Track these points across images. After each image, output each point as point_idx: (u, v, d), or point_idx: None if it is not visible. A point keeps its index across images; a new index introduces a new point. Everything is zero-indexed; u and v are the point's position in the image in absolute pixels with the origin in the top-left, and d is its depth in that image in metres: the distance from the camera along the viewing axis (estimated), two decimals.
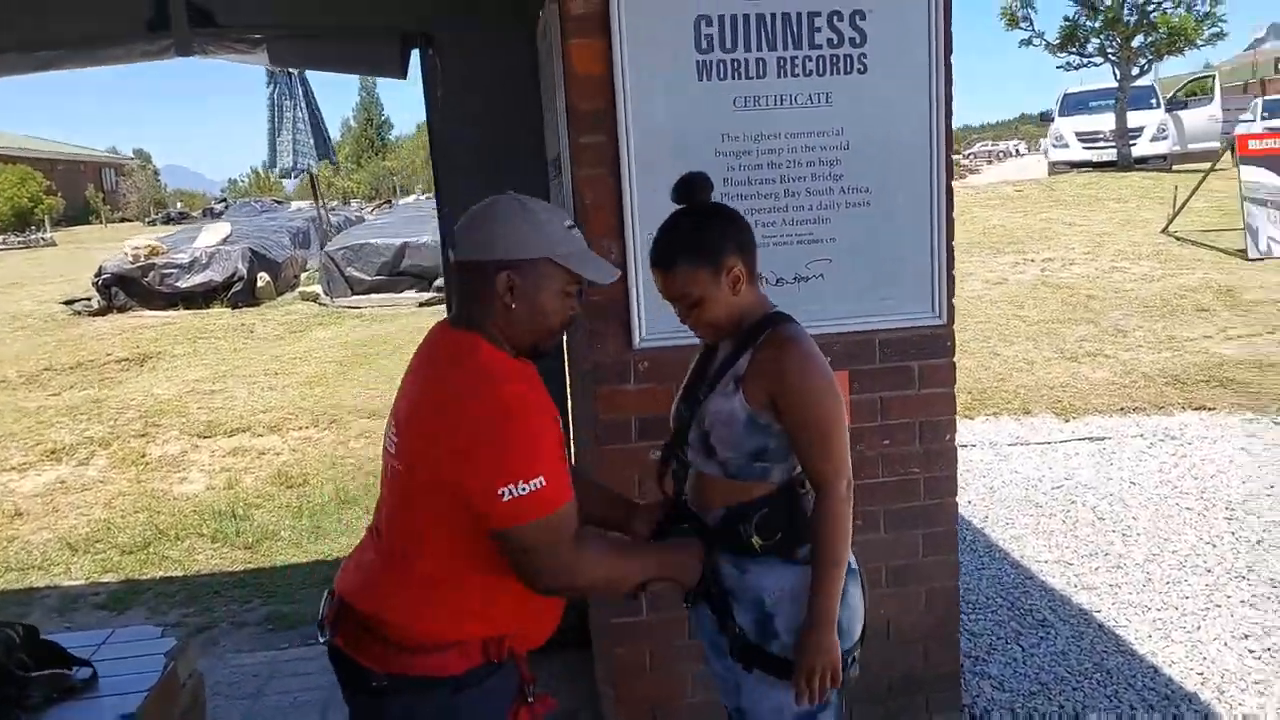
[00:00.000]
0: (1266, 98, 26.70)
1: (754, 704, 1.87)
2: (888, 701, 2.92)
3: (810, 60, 2.67)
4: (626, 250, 2.65)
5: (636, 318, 2.69)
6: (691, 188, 1.90)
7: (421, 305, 11.35)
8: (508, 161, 3.48)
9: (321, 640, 1.73)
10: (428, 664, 1.61)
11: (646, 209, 2.62)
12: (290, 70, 12.85)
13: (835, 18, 2.67)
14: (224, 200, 39.05)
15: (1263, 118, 22.25)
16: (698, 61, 2.63)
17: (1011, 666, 3.31)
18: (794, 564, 1.81)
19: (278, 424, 6.84)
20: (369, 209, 24.76)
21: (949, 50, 2.75)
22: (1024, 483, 5.04)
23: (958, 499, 2.93)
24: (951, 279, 2.84)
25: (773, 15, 2.64)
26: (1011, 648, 3.44)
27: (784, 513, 1.82)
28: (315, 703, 3.33)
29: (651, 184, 2.63)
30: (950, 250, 2.82)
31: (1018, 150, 40.17)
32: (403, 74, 3.62)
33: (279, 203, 25.91)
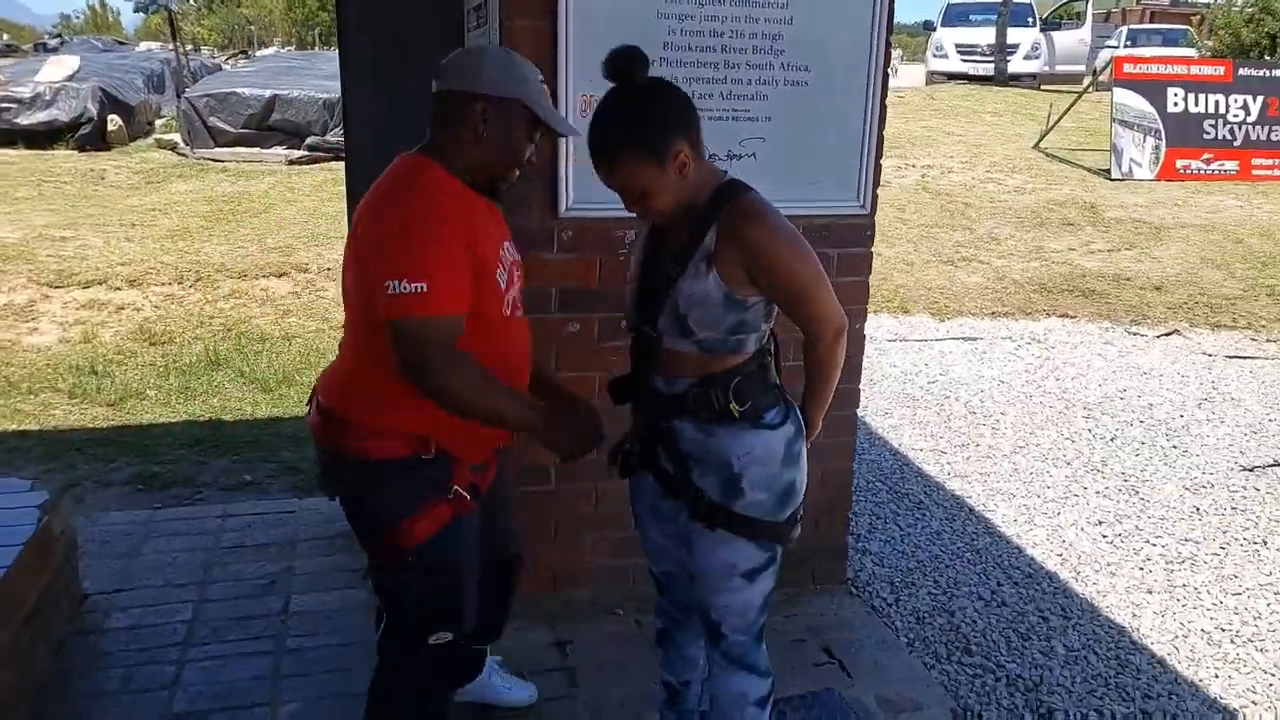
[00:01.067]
0: (1131, 26, 27.80)
1: (706, 563, 1.90)
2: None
3: None
4: (560, 109, 2.53)
5: (564, 184, 2.61)
6: (628, 64, 1.73)
7: (291, 163, 10.72)
8: (417, 7, 3.26)
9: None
10: (370, 447, 1.82)
11: (583, 65, 2.51)
12: None
13: None
14: (59, 35, 35.50)
15: (1126, 44, 23.20)
16: None
17: (890, 545, 3.50)
18: (761, 428, 1.84)
19: (138, 278, 6.40)
20: (223, 58, 22.94)
21: None
22: (901, 377, 5.26)
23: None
24: (878, 169, 2.85)
25: None
26: (890, 528, 3.63)
27: (756, 379, 1.85)
28: (197, 563, 3.22)
29: (590, 38, 2.50)
30: (881, 140, 2.83)
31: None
32: None
33: (120, 43, 23.71)
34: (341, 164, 10.27)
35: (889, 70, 2.83)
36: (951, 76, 19.66)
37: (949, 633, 2.97)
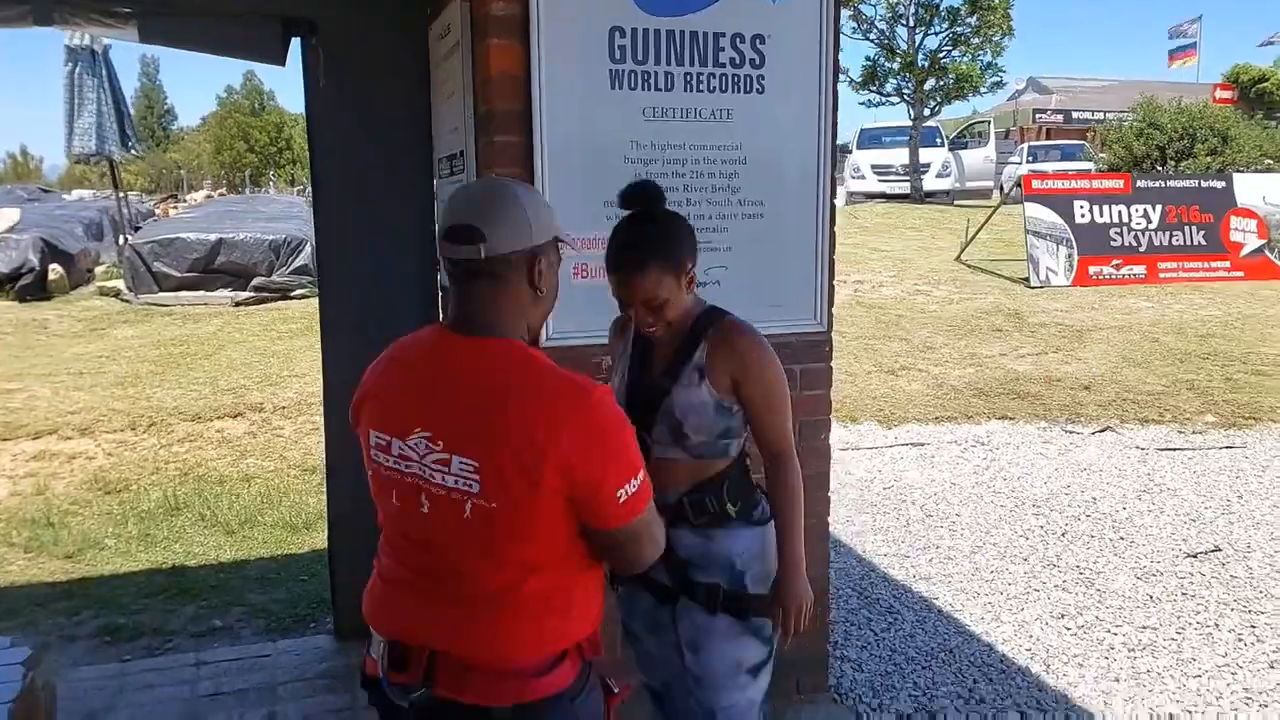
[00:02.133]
0: (1031, 143, 29.66)
1: (714, 663, 1.99)
2: None
3: (714, 77, 2.83)
4: None
5: None
6: (648, 194, 1.98)
7: (238, 304, 10.77)
8: (391, 157, 3.45)
9: (395, 694, 1.58)
10: (549, 683, 1.54)
11: (557, 210, 2.67)
12: (94, 49, 11.89)
13: (738, 39, 2.84)
14: None
15: (1027, 160, 24.73)
16: (610, 70, 2.74)
17: (867, 650, 3.58)
18: (754, 526, 2.02)
19: (89, 426, 6.33)
20: (153, 202, 23.03)
21: (836, 76, 2.99)
22: (858, 484, 5.42)
23: None
24: (832, 289, 3.07)
25: (681, 32, 2.79)
26: (865, 633, 3.72)
27: (742, 481, 2.04)
28: (174, 714, 3.16)
29: (563, 185, 2.71)
30: (832, 262, 3.05)
31: None
32: (282, 61, 3.51)
33: (46, 190, 23.73)
34: (290, 303, 10.43)
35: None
36: (870, 196, 20.69)
37: None
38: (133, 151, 14.00)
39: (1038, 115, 39.95)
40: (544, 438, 1.45)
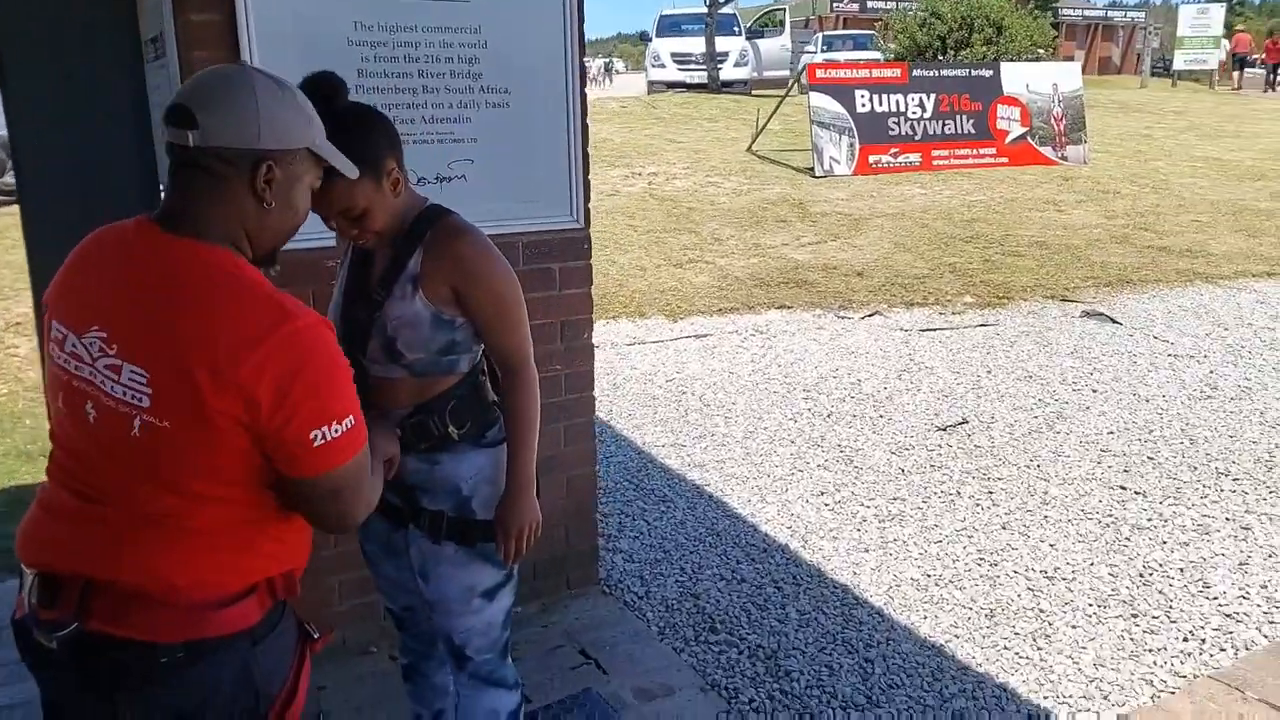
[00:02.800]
0: (827, 33, 30.29)
1: (445, 590, 1.92)
2: (533, 582, 3.10)
3: None
4: None
5: None
6: (321, 89, 1.65)
7: None
8: (91, 38, 3.04)
9: (43, 634, 1.36)
10: (227, 619, 1.38)
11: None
12: None
13: None
14: None
15: (822, 50, 25.26)
16: None
17: (639, 540, 3.65)
18: (484, 448, 1.90)
19: None
20: None
21: None
22: (641, 378, 5.47)
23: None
24: (587, 184, 2.97)
25: None
26: (638, 524, 3.78)
27: (472, 401, 1.89)
28: None
29: (279, 70, 2.42)
30: (586, 156, 2.94)
31: (608, 68, 41.77)
32: None
33: None
34: (16, 208, 9.35)
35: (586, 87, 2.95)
36: (671, 85, 20.59)
37: (695, 615, 3.14)
38: None
39: (834, 4, 40.74)
40: (225, 359, 1.29)
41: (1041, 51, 23.90)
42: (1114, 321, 6.54)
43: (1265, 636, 3.02)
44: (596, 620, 3.08)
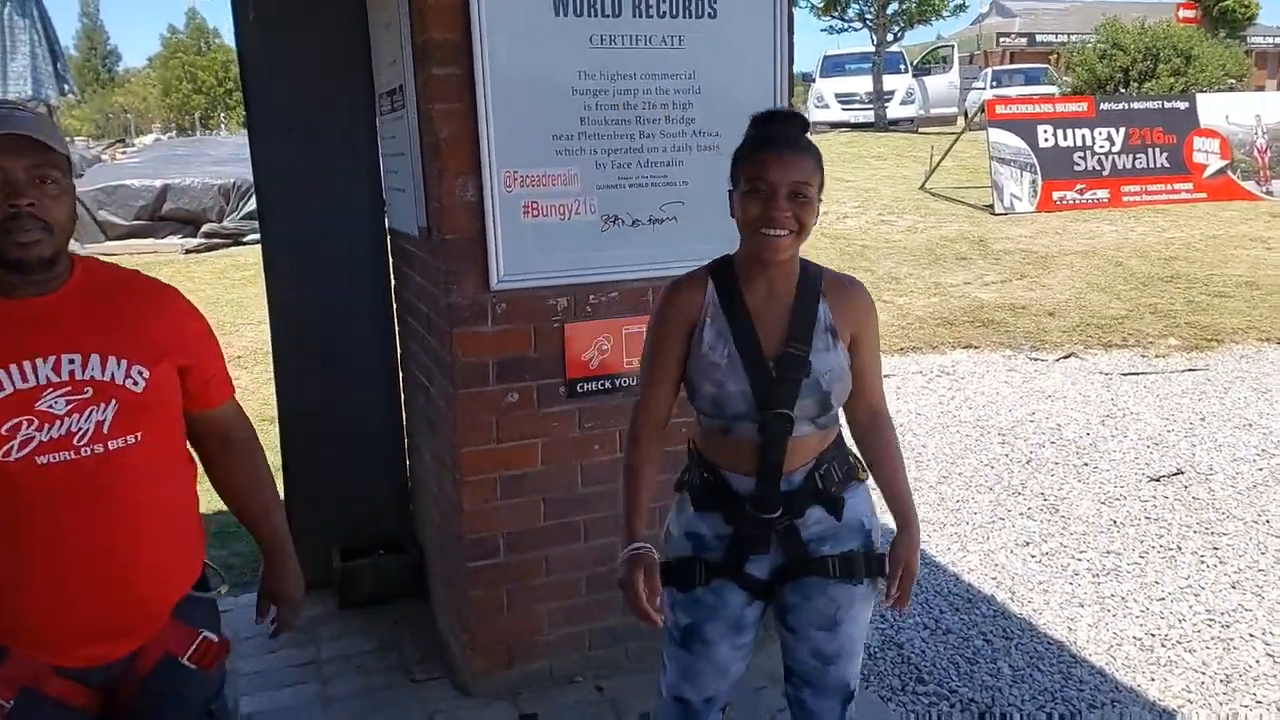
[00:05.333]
0: (995, 68, 29.45)
1: (852, 632, 1.89)
2: None
3: (664, 2, 2.69)
4: (483, 187, 2.58)
5: (494, 257, 2.64)
6: (785, 112, 1.86)
7: (188, 252, 10.50)
8: (328, 94, 3.30)
9: None
10: None
11: (504, 145, 2.57)
12: None
13: None
14: None
15: (991, 86, 24.55)
16: None
17: None
18: (862, 482, 1.93)
19: None
20: (100, 148, 22.34)
21: (792, 1, 2.86)
22: None
23: None
24: None
25: None
26: None
27: (843, 441, 1.91)
28: None
29: (509, 118, 2.57)
30: None
31: None
32: None
33: None
34: (243, 249, 10.16)
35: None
36: (835, 125, 20.49)
37: (900, 665, 3.04)
38: (70, 95, 13.42)
39: (1001, 39, 39.62)
40: None
41: (1234, 82, 22.46)
42: None
43: None
44: None
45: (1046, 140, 11.42)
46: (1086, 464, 4.64)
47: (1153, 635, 3.18)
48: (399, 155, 2.99)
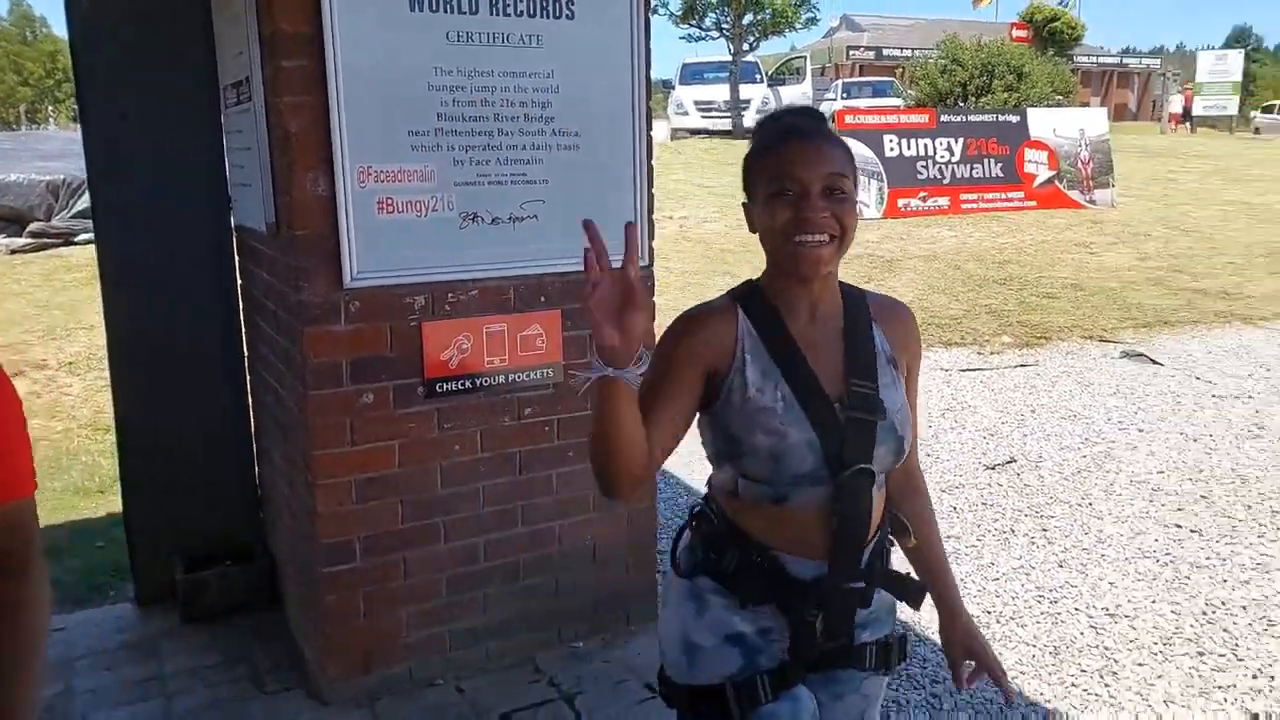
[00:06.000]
0: (845, 80, 30.63)
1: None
2: (594, 618, 3.12)
3: (521, 1, 2.70)
4: (335, 182, 2.53)
5: (347, 254, 2.59)
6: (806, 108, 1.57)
7: (13, 252, 9.77)
8: (170, 85, 3.15)
9: None
10: None
11: (357, 140, 2.53)
12: None
13: None
14: None
15: (842, 97, 25.54)
16: None
17: None
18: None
19: None
20: None
21: (648, 6, 2.91)
22: None
23: None
24: (652, 224, 3.03)
25: None
26: None
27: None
28: None
29: (363, 113, 2.53)
30: (651, 196, 3.01)
31: None
32: None
33: None
34: (73, 249, 9.53)
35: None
36: (694, 132, 20.89)
37: None
38: None
39: (851, 52, 41.28)
40: None
41: (1061, 98, 24.09)
42: (1155, 362, 6.53)
43: None
44: (659, 654, 3.07)
45: (892, 150, 11.97)
46: (929, 454, 4.89)
47: (989, 613, 3.38)
48: (246, 150, 2.89)
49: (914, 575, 1.59)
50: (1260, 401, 5.73)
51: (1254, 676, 2.99)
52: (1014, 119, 13.14)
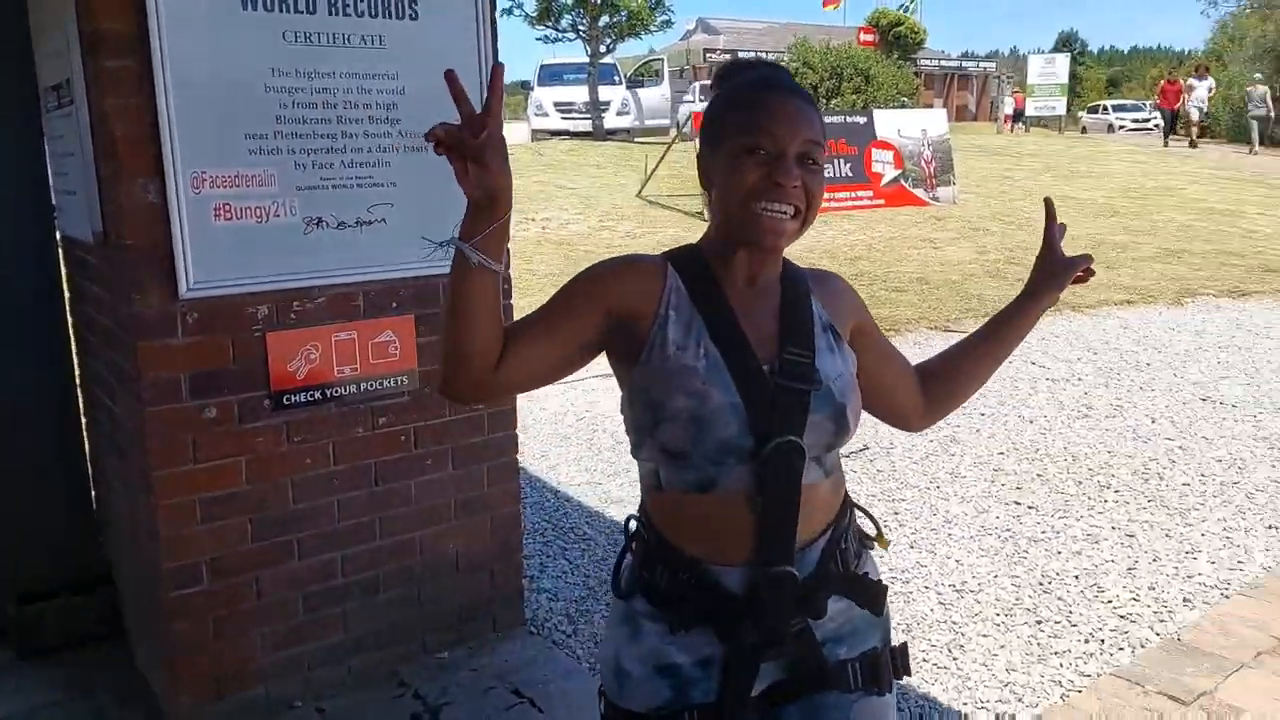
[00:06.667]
0: (703, 82, 31.20)
1: None
2: (459, 627, 3.08)
3: (362, 1, 2.64)
4: (167, 189, 2.42)
5: (182, 264, 2.48)
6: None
7: None
8: None
9: None
10: None
11: (190, 144, 2.43)
12: None
13: None
14: None
15: (700, 99, 25.99)
16: None
17: (562, 579, 3.66)
18: (870, 550, 1.47)
19: None
20: None
21: (493, 6, 2.89)
22: (551, 418, 5.49)
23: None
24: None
25: None
26: (560, 563, 3.79)
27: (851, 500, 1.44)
28: None
29: (195, 116, 2.43)
30: None
31: None
32: None
33: None
34: None
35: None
36: (554, 133, 20.87)
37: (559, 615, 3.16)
38: None
39: (708, 55, 42.05)
40: None
41: (906, 100, 25.21)
42: None
43: (1157, 634, 3.23)
44: (526, 660, 3.06)
45: None
46: None
47: None
48: (69, 155, 2.73)
49: (872, 576, 1.42)
50: (1088, 384, 6.14)
51: (1086, 641, 3.20)
52: (861, 120, 13.65)
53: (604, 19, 21.17)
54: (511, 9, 21.66)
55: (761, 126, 1.28)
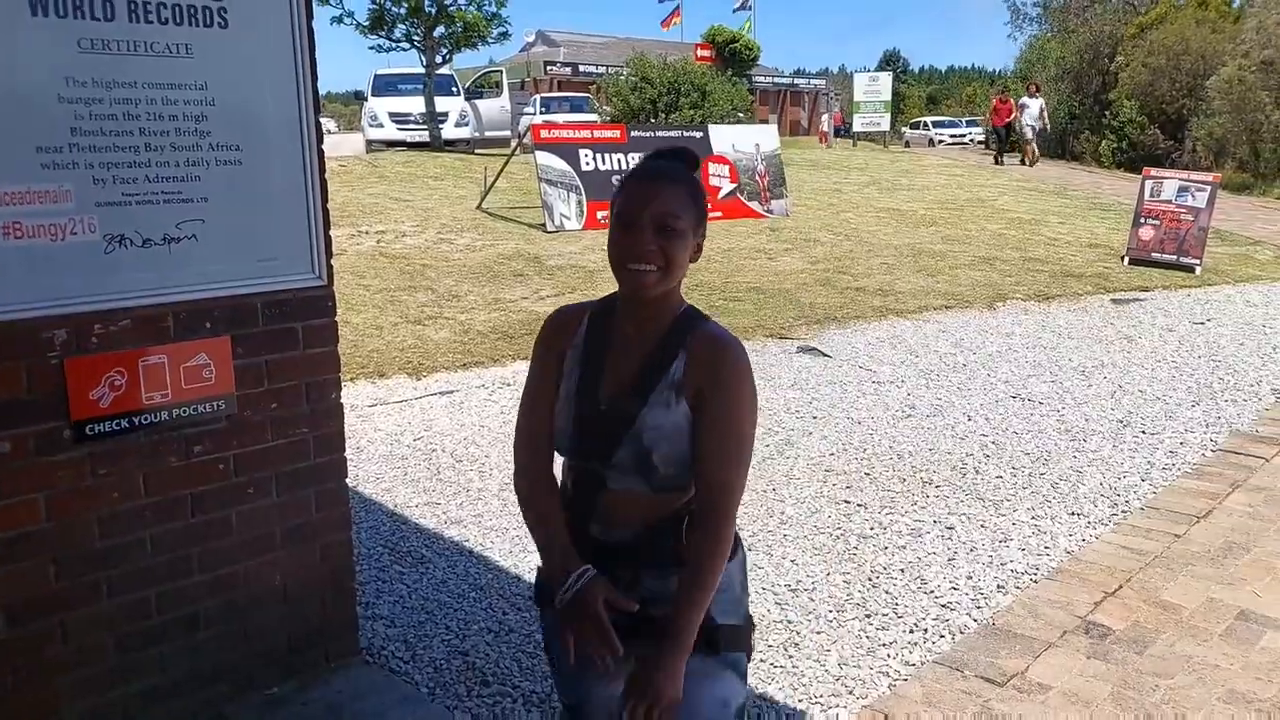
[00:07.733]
0: (544, 95, 31.21)
1: (699, 710, 1.71)
2: (288, 661, 2.96)
3: (165, 8, 2.52)
4: None
5: None
6: (678, 151, 1.79)
7: None
8: None
9: None
10: None
11: None
12: None
13: None
14: None
15: (541, 111, 26.01)
16: None
17: (399, 604, 3.57)
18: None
19: None
20: None
21: (310, 14, 2.81)
22: (387, 439, 5.35)
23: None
24: (329, 240, 2.92)
25: None
26: (397, 587, 3.69)
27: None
28: None
29: None
30: (326, 212, 2.90)
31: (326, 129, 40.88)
32: None
33: None
34: None
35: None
36: (390, 144, 20.40)
37: (466, 672, 3.11)
38: None
39: (548, 67, 42.13)
40: None
41: (741, 115, 25.98)
42: (825, 355, 7.20)
43: (974, 620, 3.44)
44: (361, 690, 2.97)
45: (588, 164, 12.33)
46: None
47: None
48: None
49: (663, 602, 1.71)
50: (911, 385, 6.48)
51: (910, 631, 3.37)
52: (698, 135, 13.97)
53: (439, 29, 20.85)
54: (342, 18, 21.04)
55: (622, 206, 1.67)
